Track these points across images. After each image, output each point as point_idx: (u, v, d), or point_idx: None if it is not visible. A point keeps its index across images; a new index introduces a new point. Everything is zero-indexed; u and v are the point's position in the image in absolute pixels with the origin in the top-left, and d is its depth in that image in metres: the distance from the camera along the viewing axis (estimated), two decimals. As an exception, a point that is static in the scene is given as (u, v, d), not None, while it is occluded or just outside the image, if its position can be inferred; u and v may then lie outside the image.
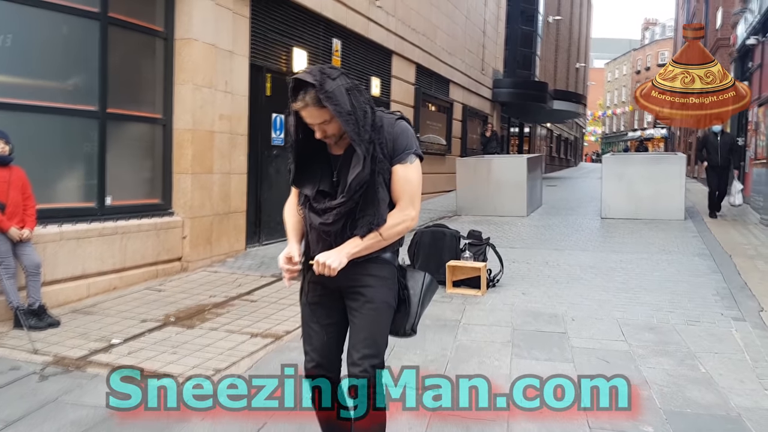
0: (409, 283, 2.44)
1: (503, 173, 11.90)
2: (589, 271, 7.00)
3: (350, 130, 2.19)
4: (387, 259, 2.37)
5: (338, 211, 2.26)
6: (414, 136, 2.37)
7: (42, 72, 5.76)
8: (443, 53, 15.66)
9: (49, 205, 5.70)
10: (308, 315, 2.50)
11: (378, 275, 2.34)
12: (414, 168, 2.31)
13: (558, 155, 39.76)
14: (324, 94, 2.14)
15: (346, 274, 2.29)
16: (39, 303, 4.97)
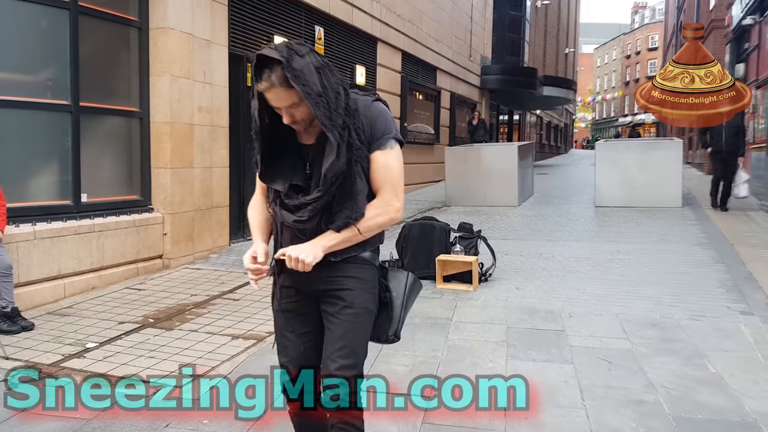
0: (391, 284, 2.24)
1: (493, 162, 11.71)
2: (586, 263, 6.82)
3: (321, 114, 1.95)
4: (366, 259, 2.16)
5: (314, 206, 2.04)
6: (392, 118, 2.16)
7: (10, 65, 5.49)
8: (430, 40, 15.40)
9: (22, 204, 5.47)
10: (282, 323, 2.27)
11: (357, 277, 2.13)
12: (394, 154, 2.11)
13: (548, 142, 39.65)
14: (291, 72, 1.90)
15: (321, 276, 2.10)
16: (12, 306, 4.76)
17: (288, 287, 2.22)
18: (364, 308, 2.15)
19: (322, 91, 1.95)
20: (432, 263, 5.92)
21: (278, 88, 1.94)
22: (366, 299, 2.15)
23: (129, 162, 6.66)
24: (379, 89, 12.51)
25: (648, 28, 62.39)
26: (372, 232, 2.10)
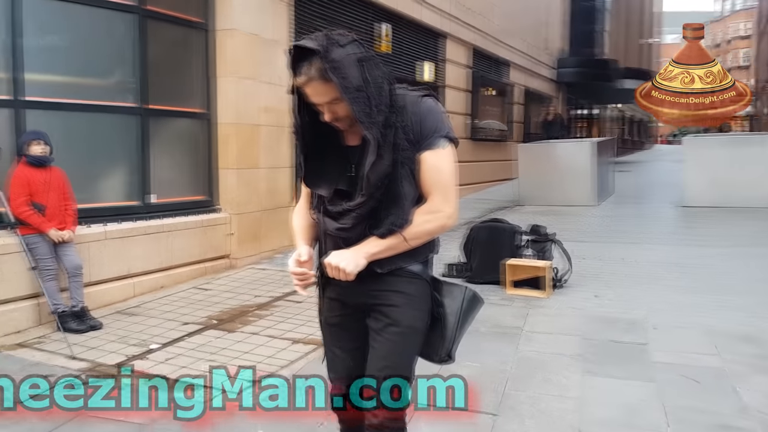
0: (445, 300, 2.05)
1: (569, 159, 11.18)
2: (671, 269, 6.33)
3: (358, 111, 1.77)
4: (415, 273, 1.98)
5: (357, 213, 1.88)
6: (444, 115, 1.95)
7: (79, 69, 5.60)
8: (501, 34, 14.94)
9: (93, 205, 5.57)
10: (329, 338, 2.15)
11: (405, 292, 1.96)
12: (446, 154, 1.90)
13: (630, 138, 38.07)
14: (330, 63, 1.74)
15: (367, 289, 1.95)
16: (81, 305, 4.84)
17: (333, 299, 2.08)
18: (410, 327, 1.97)
19: (363, 85, 1.78)
20: (501, 268, 5.62)
21: (317, 81, 1.78)
22: (413, 317, 1.98)
23: (195, 163, 6.70)
24: (447, 86, 12.23)
25: (738, 15, 58.81)
26: (419, 240, 1.91)
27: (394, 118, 1.83)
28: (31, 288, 4.78)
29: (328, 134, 1.95)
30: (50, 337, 4.61)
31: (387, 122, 1.82)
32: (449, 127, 1.93)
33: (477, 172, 13.71)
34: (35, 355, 4.27)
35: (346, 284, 1.92)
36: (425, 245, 1.99)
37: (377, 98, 1.80)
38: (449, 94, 12.31)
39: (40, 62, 5.23)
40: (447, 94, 12.22)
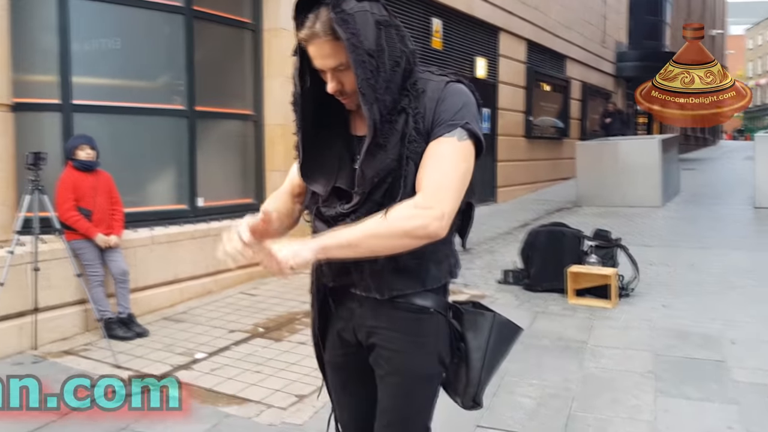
0: (467, 334, 1.63)
1: (633, 157, 10.63)
2: (747, 277, 5.87)
3: (362, 78, 1.41)
4: (424, 307, 1.57)
5: (354, 218, 1.50)
6: (472, 104, 1.52)
7: (128, 72, 5.57)
8: (558, 27, 14.43)
9: (140, 209, 5.53)
10: (333, 379, 1.78)
11: (409, 333, 1.57)
12: (457, 146, 1.46)
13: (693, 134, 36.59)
14: (339, 14, 1.40)
15: (365, 323, 1.61)
16: (127, 312, 4.78)
17: (337, 335, 1.71)
18: (417, 376, 1.60)
19: (375, 51, 1.42)
20: (562, 275, 5.28)
21: (322, 38, 1.44)
22: (421, 363, 1.60)
23: (243, 165, 6.61)
24: (501, 81, 11.85)
25: (810, 4, 55.85)
26: (391, 242, 1.43)
27: (407, 102, 1.47)
28: (78, 294, 4.72)
29: (335, 118, 1.60)
30: (96, 345, 4.54)
31: (396, 105, 1.47)
32: (475, 117, 1.50)
33: (533, 171, 13.29)
34: (80, 363, 4.21)
35: (345, 316, 1.63)
36: (440, 267, 1.60)
37: (389, 73, 1.45)
38: (503, 90, 11.94)
39: (87, 65, 5.22)
40: (501, 91, 11.85)
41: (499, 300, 5.39)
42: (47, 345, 4.51)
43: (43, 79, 5.03)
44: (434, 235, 1.42)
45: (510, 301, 5.37)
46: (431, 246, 1.50)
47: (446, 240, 1.55)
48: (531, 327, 4.65)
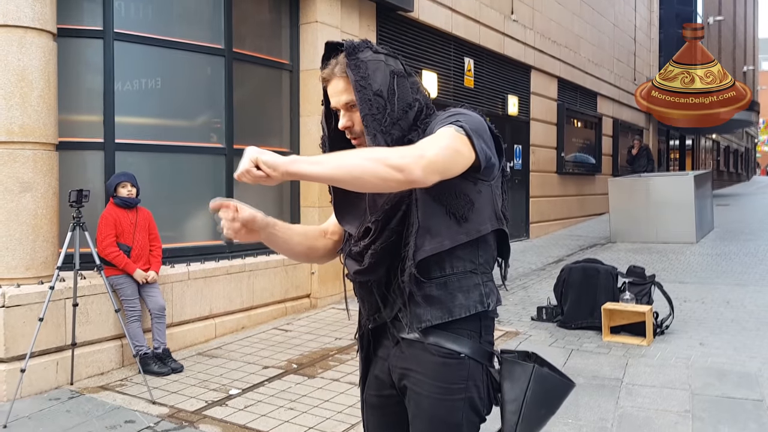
0: (504, 384, 1.56)
1: (666, 193, 10.51)
2: (786, 314, 5.73)
3: (365, 112, 1.51)
4: (453, 351, 1.52)
5: (375, 248, 1.52)
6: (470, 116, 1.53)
7: (169, 111, 5.77)
8: (589, 65, 14.51)
9: (177, 245, 5.65)
10: (367, 418, 1.76)
11: (437, 377, 1.52)
12: (446, 128, 1.46)
13: (727, 169, 36.05)
14: (352, 59, 1.53)
15: (396, 364, 1.61)
16: (163, 347, 4.85)
17: (376, 376, 1.70)
18: (444, 422, 1.53)
19: (382, 93, 1.53)
20: (597, 312, 5.23)
21: (337, 77, 1.58)
22: (449, 410, 1.52)
23: (280, 201, 6.72)
24: (533, 119, 11.91)
25: None
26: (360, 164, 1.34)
27: (415, 135, 1.53)
28: (115, 329, 4.83)
29: None
30: (132, 380, 4.61)
31: (404, 137, 1.53)
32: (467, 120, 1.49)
33: (565, 208, 13.22)
34: (116, 398, 4.27)
35: (383, 356, 1.64)
36: (469, 296, 1.54)
37: (398, 113, 1.54)
38: (535, 127, 11.98)
39: (130, 105, 5.41)
40: (533, 127, 11.90)
41: (533, 337, 5.34)
42: (84, 380, 4.60)
43: (88, 119, 5.23)
44: (408, 171, 1.33)
45: (544, 338, 5.32)
46: (457, 275, 1.53)
47: (473, 269, 1.56)
48: (565, 365, 4.60)
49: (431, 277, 1.54)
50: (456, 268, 1.55)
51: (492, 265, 1.63)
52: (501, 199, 1.61)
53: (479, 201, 1.54)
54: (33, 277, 4.49)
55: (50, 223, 4.61)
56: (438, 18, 8.69)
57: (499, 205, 1.59)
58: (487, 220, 1.55)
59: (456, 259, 1.54)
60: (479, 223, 1.54)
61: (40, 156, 4.51)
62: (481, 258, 1.57)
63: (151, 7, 5.56)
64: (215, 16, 5.96)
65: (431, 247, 1.51)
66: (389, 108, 1.53)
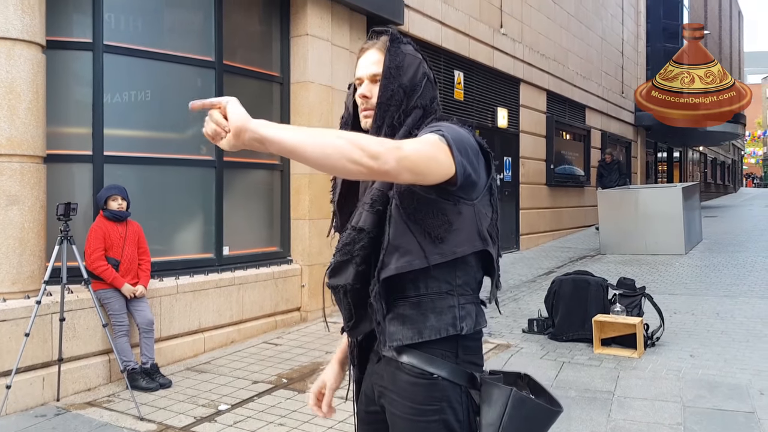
0: (482, 408, 1.47)
1: (655, 205, 10.58)
2: (774, 326, 5.75)
3: (382, 99, 1.53)
4: (425, 372, 1.48)
5: (348, 249, 1.48)
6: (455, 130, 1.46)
7: (159, 124, 5.73)
8: (577, 78, 14.63)
9: (166, 258, 5.60)
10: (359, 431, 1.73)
11: (408, 397, 1.48)
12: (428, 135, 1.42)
13: (714, 181, 36.37)
14: (395, 46, 1.57)
15: (376, 382, 1.58)
16: (152, 362, 4.79)
17: (365, 391, 1.66)
18: None
19: (407, 88, 1.56)
20: (588, 324, 5.23)
21: (376, 50, 1.60)
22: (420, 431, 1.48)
23: (269, 214, 6.69)
24: (522, 131, 11.97)
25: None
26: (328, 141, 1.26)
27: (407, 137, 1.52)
28: (103, 344, 4.77)
29: None
30: (120, 396, 4.55)
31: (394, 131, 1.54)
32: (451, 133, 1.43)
33: (555, 219, 13.26)
34: (104, 414, 4.21)
35: (369, 372, 1.62)
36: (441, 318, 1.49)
37: (409, 109, 1.56)
38: (525, 140, 12.04)
39: (119, 117, 5.38)
40: (522, 140, 11.96)
41: (524, 350, 5.32)
42: (71, 396, 4.53)
43: (76, 131, 5.19)
44: (382, 159, 1.27)
45: (535, 350, 5.31)
46: (431, 296, 1.49)
47: (449, 290, 1.51)
48: (557, 377, 4.59)
49: (405, 295, 1.50)
50: (430, 289, 1.50)
51: (474, 287, 1.58)
52: (489, 218, 1.55)
53: (458, 222, 1.48)
54: (19, 291, 4.43)
55: (37, 236, 4.55)
56: (428, 31, 8.74)
57: (484, 225, 1.53)
58: (465, 241, 1.49)
59: (431, 279, 1.49)
60: (456, 245, 1.48)
61: (28, 169, 4.47)
62: (459, 279, 1.52)
63: (141, 19, 5.55)
64: (206, 28, 5.96)
65: (397, 266, 1.45)
66: (405, 104, 1.56)
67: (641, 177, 20.47)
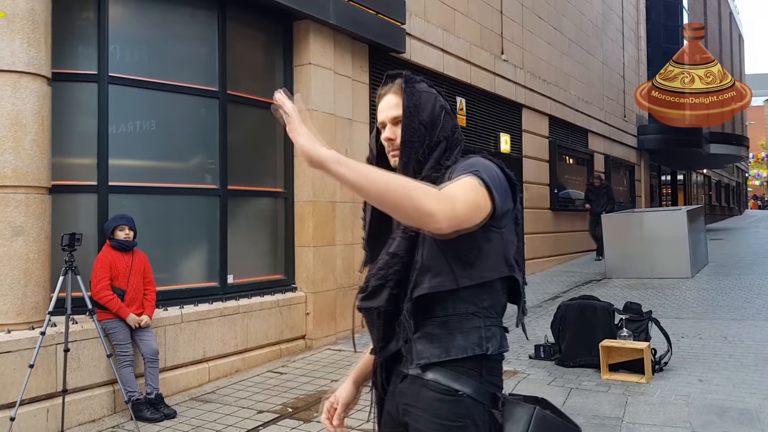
0: (506, 426, 1.53)
1: (660, 228, 10.54)
2: (782, 349, 5.69)
3: (406, 137, 1.61)
4: (451, 390, 1.52)
5: (380, 275, 1.56)
6: (489, 168, 1.54)
7: (163, 153, 5.79)
8: (579, 102, 14.72)
9: (171, 287, 5.60)
10: None
11: (434, 413, 1.53)
12: (467, 177, 1.47)
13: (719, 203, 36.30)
14: (410, 86, 1.65)
15: (400, 401, 1.61)
16: (156, 392, 4.76)
17: (388, 413, 1.69)
18: None
19: (427, 123, 1.63)
20: (595, 349, 5.18)
21: (393, 94, 1.68)
22: None
23: (274, 242, 6.70)
24: (525, 156, 12.01)
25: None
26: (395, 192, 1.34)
27: (438, 176, 1.58)
28: (107, 375, 4.75)
29: None
30: (124, 427, 4.52)
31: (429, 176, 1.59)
32: (487, 173, 1.50)
33: (559, 244, 13.22)
34: (108, 445, 4.18)
35: (392, 391, 1.64)
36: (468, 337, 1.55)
37: (433, 143, 1.63)
38: (528, 165, 12.07)
39: (124, 147, 5.43)
40: (526, 165, 11.99)
41: (531, 376, 5.27)
42: (75, 428, 4.50)
43: (82, 162, 5.23)
44: (436, 219, 1.35)
45: (543, 377, 5.25)
46: (459, 316, 1.55)
47: (476, 311, 1.57)
48: (565, 404, 4.53)
49: (434, 315, 1.57)
50: (458, 309, 1.56)
51: (499, 311, 1.64)
52: (514, 246, 1.64)
53: (487, 247, 1.56)
54: (24, 322, 4.43)
55: (42, 267, 4.57)
56: (430, 59, 8.83)
57: (510, 252, 1.61)
58: (493, 266, 1.57)
59: (459, 300, 1.55)
60: (484, 269, 1.55)
61: (33, 200, 4.50)
62: (486, 302, 1.58)
63: (146, 50, 5.63)
64: (210, 58, 6.04)
65: (429, 286, 1.52)
66: (428, 140, 1.63)
67: (645, 200, 20.44)
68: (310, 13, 6.53)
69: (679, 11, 24.71)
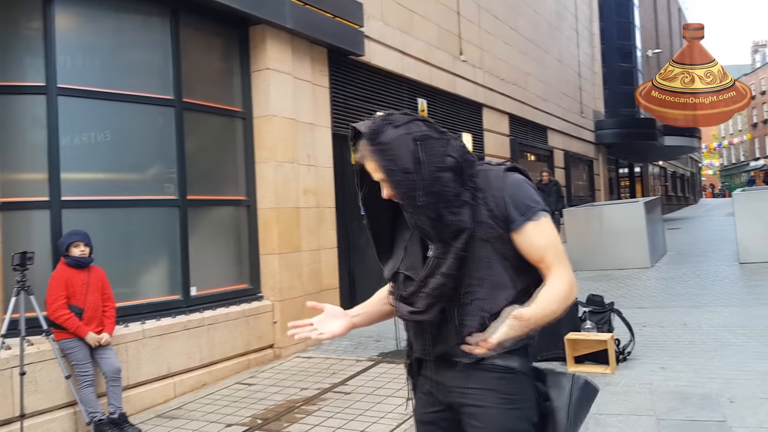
0: (551, 393, 1.79)
1: (619, 221, 10.76)
2: (740, 333, 5.84)
3: (401, 193, 1.71)
4: (510, 368, 1.75)
5: (428, 292, 1.73)
6: (533, 188, 1.82)
7: (118, 165, 5.63)
8: (537, 100, 14.94)
9: (131, 302, 5.46)
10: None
11: (496, 390, 1.74)
12: (547, 223, 1.77)
13: (675, 194, 37.23)
14: (375, 146, 1.72)
15: (455, 385, 1.79)
16: (119, 411, 4.64)
17: (426, 394, 1.89)
18: (507, 430, 1.75)
19: (412, 168, 1.69)
20: (560, 343, 5.23)
21: (369, 159, 1.77)
22: (509, 419, 1.74)
23: (237, 251, 6.61)
24: (487, 154, 12.13)
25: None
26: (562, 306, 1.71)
27: (469, 196, 1.73)
28: (67, 396, 4.61)
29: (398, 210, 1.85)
30: (88, 447, 4.40)
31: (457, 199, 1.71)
32: (541, 199, 1.81)
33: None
34: (71, 468, 4.05)
35: (436, 378, 1.83)
36: None
37: (429, 180, 1.69)
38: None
39: (77, 160, 5.28)
40: (486, 163, 12.09)
41: (498, 373, 5.30)
42: (36, 451, 4.37)
43: (32, 177, 5.07)
44: (575, 296, 1.76)
45: (509, 374, 5.29)
46: None
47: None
48: (533, 400, 4.57)
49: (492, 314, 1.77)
50: None
51: None
52: None
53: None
54: (-24, 346, 4.27)
55: (-6, 288, 4.41)
56: (389, 61, 8.85)
57: None
58: (534, 273, 1.79)
59: (515, 301, 1.75)
60: (529, 276, 1.78)
61: (-18, 218, 4.35)
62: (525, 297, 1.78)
63: (97, 59, 5.48)
64: (164, 66, 5.92)
65: (505, 296, 1.74)
66: (419, 181, 1.69)
67: (605, 194, 20.85)
68: (266, 17, 6.46)
69: (630, 8, 25.30)
